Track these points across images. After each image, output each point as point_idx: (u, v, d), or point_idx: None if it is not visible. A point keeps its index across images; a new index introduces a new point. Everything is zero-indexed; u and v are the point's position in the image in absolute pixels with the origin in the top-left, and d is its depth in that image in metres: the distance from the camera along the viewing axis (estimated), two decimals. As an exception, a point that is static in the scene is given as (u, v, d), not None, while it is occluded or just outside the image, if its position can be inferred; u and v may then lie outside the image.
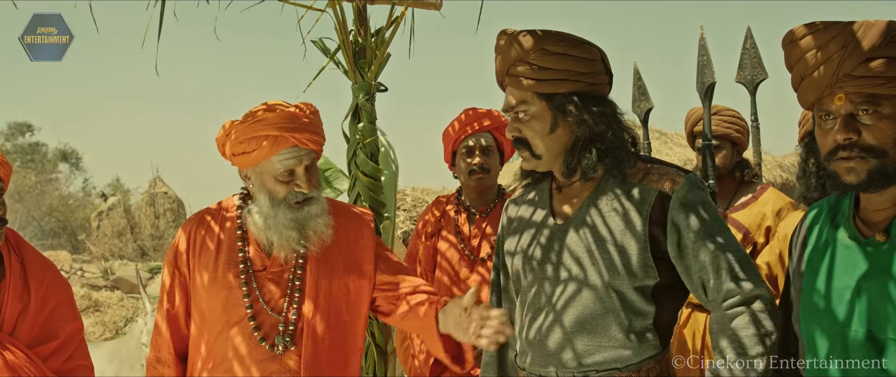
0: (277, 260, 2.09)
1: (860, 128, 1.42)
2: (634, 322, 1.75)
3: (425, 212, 3.04)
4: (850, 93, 1.42)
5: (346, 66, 3.46)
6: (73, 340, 2.27)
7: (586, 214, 1.82)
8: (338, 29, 3.40)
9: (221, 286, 2.05)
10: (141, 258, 17.30)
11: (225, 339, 2.04)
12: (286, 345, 2.02)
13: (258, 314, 2.04)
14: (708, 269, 1.69)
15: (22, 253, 2.24)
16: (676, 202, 1.74)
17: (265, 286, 2.06)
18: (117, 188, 22.21)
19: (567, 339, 1.78)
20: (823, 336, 1.50)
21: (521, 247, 1.94)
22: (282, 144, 2.01)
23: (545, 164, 1.86)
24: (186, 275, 2.12)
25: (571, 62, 1.78)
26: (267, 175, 2.04)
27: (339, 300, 2.10)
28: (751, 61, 2.98)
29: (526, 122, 1.83)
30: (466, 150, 2.87)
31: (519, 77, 1.81)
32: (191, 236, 2.13)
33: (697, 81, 2.64)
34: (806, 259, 1.60)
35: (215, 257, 2.09)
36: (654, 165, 1.84)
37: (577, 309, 1.78)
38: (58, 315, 2.25)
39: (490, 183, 2.88)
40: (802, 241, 1.64)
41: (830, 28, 1.47)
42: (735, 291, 1.67)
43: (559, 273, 1.82)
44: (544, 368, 1.82)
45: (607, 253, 1.76)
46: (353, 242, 2.18)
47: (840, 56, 1.43)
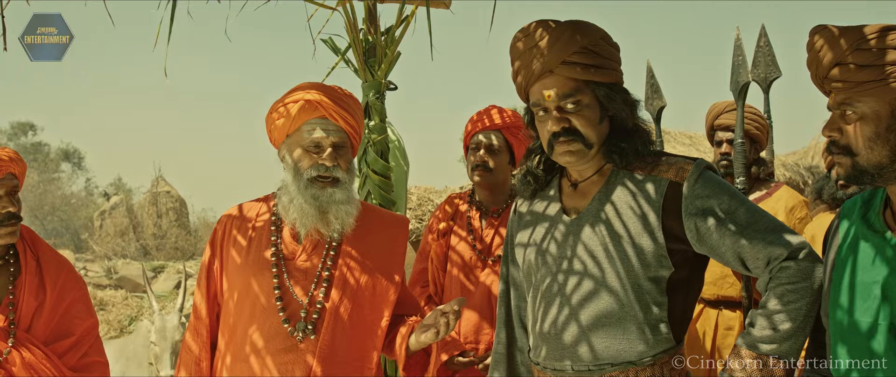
0: (309, 246, 2.10)
1: (842, 126, 1.50)
2: (649, 315, 1.76)
3: (438, 209, 3.03)
4: (835, 93, 1.50)
5: (357, 65, 3.47)
6: (89, 337, 2.28)
7: (600, 209, 1.82)
8: (348, 27, 3.41)
9: (252, 273, 2.07)
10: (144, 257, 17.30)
11: (253, 324, 2.05)
12: (306, 332, 2.02)
13: (286, 301, 2.05)
14: (743, 244, 1.70)
15: (37, 250, 2.25)
16: (689, 189, 1.75)
17: (294, 273, 2.07)
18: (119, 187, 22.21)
19: (583, 334, 1.79)
20: (849, 329, 1.51)
21: (535, 240, 1.94)
22: (313, 111, 2.03)
23: (593, 153, 1.84)
24: (219, 264, 2.14)
25: (615, 53, 1.82)
26: (295, 146, 2.06)
27: (364, 297, 2.11)
28: (765, 59, 2.96)
29: (578, 112, 1.79)
30: (474, 147, 2.88)
31: (577, 65, 1.77)
32: (226, 227, 2.16)
33: (732, 81, 2.64)
34: (836, 252, 1.62)
35: (248, 245, 2.11)
36: (662, 157, 1.85)
37: (594, 305, 1.78)
38: (73, 312, 2.26)
39: (493, 181, 2.87)
40: (835, 235, 1.66)
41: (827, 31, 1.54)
42: (776, 252, 1.68)
43: (573, 266, 1.82)
44: (559, 362, 1.82)
45: (623, 248, 1.76)
46: (390, 247, 2.19)
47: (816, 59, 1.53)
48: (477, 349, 2.76)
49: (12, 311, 2.14)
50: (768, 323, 1.67)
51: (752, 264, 1.72)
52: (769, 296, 1.68)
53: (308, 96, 2.04)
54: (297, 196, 2.05)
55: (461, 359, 2.72)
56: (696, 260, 1.82)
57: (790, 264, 1.66)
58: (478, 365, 2.72)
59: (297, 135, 2.06)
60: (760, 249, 1.69)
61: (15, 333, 2.12)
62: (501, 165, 2.85)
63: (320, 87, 2.10)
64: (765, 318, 1.68)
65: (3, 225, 2.12)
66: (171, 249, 18.57)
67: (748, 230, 1.70)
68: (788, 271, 1.66)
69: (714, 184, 1.76)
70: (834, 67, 1.49)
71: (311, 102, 2.04)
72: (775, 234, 1.69)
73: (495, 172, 2.84)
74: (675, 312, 1.80)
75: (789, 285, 1.66)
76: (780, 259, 1.67)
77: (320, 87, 2.10)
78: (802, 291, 1.65)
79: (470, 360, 2.71)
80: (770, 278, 1.69)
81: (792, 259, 1.67)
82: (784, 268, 1.67)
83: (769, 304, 1.68)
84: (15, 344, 2.10)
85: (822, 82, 1.54)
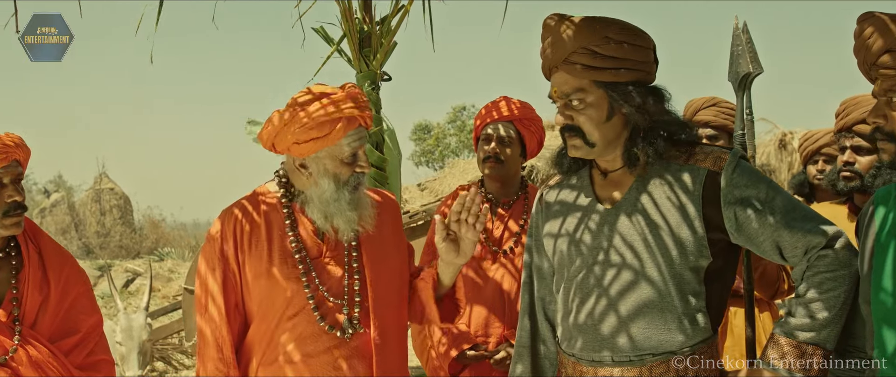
0: (331, 243, 2.04)
1: (888, 113, 1.53)
2: (688, 305, 1.76)
3: (446, 200, 2.98)
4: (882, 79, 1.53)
5: (350, 55, 3.41)
6: (94, 334, 2.16)
7: (637, 199, 1.82)
8: (343, 16, 3.34)
9: (279, 278, 1.98)
10: (87, 256, 16.73)
11: (285, 331, 1.97)
12: (355, 328, 1.98)
13: (320, 302, 1.98)
14: (782, 233, 1.72)
15: (39, 242, 2.12)
16: (728, 179, 1.75)
17: (324, 272, 2.01)
18: (60, 185, 21.41)
19: (622, 325, 1.77)
20: (893, 316, 1.53)
21: (567, 231, 1.92)
22: (353, 125, 1.97)
23: (598, 151, 1.84)
24: (236, 271, 2.01)
25: (630, 50, 1.78)
26: (332, 160, 1.98)
27: (393, 281, 2.09)
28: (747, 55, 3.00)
29: (581, 109, 1.80)
30: (485, 138, 2.83)
31: (577, 64, 1.79)
32: (235, 229, 2.03)
33: (730, 72, 2.65)
34: (875, 241, 1.63)
35: (267, 249, 2.00)
36: (697, 147, 1.85)
37: (634, 295, 1.77)
38: (78, 307, 2.14)
39: (504, 173, 2.82)
40: (871, 222, 1.68)
41: None
42: (814, 241, 1.70)
43: (610, 257, 1.81)
44: (598, 353, 1.81)
45: (662, 238, 1.76)
46: (393, 226, 2.17)
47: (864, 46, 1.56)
48: (488, 343, 2.72)
49: (16, 307, 2.01)
50: (807, 311, 1.69)
51: (790, 253, 1.73)
52: (807, 285, 1.70)
53: (347, 112, 1.95)
54: (339, 207, 1.98)
55: (472, 352, 2.68)
56: (730, 249, 1.82)
57: (828, 253, 1.69)
58: (489, 359, 2.68)
59: (335, 149, 1.98)
60: (799, 238, 1.70)
61: (21, 330, 1.99)
62: (513, 157, 2.81)
63: (355, 97, 1.99)
64: (803, 307, 1.70)
65: (8, 215, 1.99)
66: (115, 248, 18.04)
67: (787, 219, 1.72)
68: (826, 260, 1.69)
69: (751, 173, 1.78)
70: (884, 54, 1.52)
71: (352, 120, 1.97)
72: (813, 223, 1.71)
73: (507, 164, 2.79)
74: (712, 302, 1.80)
75: (828, 273, 1.68)
76: (819, 247, 1.70)
77: (355, 97, 1.99)
78: (840, 279, 1.68)
79: (481, 354, 2.68)
80: (807, 267, 1.71)
81: (829, 247, 1.69)
82: (822, 256, 1.69)
83: (808, 293, 1.70)
84: (21, 341, 1.97)
85: (869, 69, 1.56)
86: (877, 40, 1.52)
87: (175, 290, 10.72)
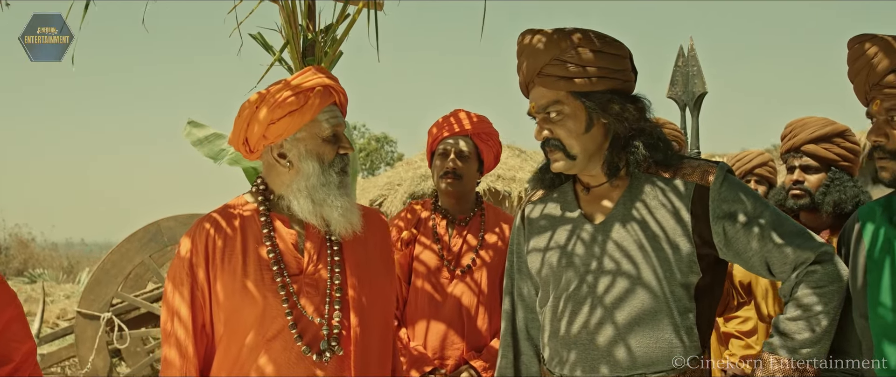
0: (312, 258, 1.89)
1: (888, 132, 1.57)
2: (683, 319, 1.75)
3: (398, 217, 2.86)
4: (883, 99, 1.58)
5: (292, 64, 3.24)
6: (28, 363, 1.90)
7: (629, 210, 1.80)
8: (285, 22, 3.17)
9: (253, 292, 1.81)
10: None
11: (261, 353, 1.80)
12: (333, 350, 1.83)
13: (299, 322, 1.83)
14: (770, 248, 1.73)
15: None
16: (716, 192, 1.76)
17: (303, 291, 1.85)
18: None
19: (619, 337, 1.74)
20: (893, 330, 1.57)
21: (557, 243, 1.87)
22: (329, 97, 1.87)
23: (579, 164, 1.81)
24: (206, 289, 1.84)
25: (606, 60, 1.77)
26: (314, 138, 1.87)
27: (377, 303, 1.95)
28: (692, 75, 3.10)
29: (558, 122, 1.78)
30: (442, 152, 2.75)
31: (551, 77, 1.77)
32: (207, 244, 1.86)
33: (685, 91, 2.72)
34: (866, 258, 1.68)
35: (242, 262, 1.84)
36: (683, 160, 1.86)
37: (630, 304, 1.74)
38: (10, 334, 1.87)
39: (462, 189, 2.75)
40: (859, 240, 1.72)
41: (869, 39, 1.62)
42: (802, 256, 1.72)
43: (604, 265, 1.78)
44: (593, 368, 1.76)
45: (660, 246, 1.75)
46: (381, 245, 2.04)
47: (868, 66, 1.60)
48: (446, 366, 2.63)
49: (-60, 334, 1.74)
50: (799, 327, 1.71)
51: (779, 268, 1.75)
52: (798, 300, 1.72)
53: (318, 79, 1.87)
54: (328, 191, 1.86)
55: (432, 376, 2.58)
56: (717, 265, 1.83)
57: (817, 268, 1.71)
58: None
59: (314, 125, 1.86)
60: (788, 253, 1.72)
61: (-54, 361, 1.72)
62: (470, 173, 2.73)
63: (323, 70, 1.93)
64: (795, 323, 1.72)
65: None
66: (-22, 269, 16.57)
67: (775, 234, 1.73)
68: (816, 275, 1.71)
69: (738, 187, 1.79)
70: (889, 73, 1.57)
71: (327, 91, 1.87)
72: (801, 238, 1.74)
73: (464, 180, 2.72)
74: (701, 319, 1.80)
75: (818, 289, 1.70)
76: (808, 263, 1.72)
77: (323, 70, 1.93)
78: (831, 295, 1.70)
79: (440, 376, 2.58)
80: (797, 282, 1.73)
81: (819, 263, 1.72)
82: (811, 272, 1.72)
83: (799, 308, 1.72)
84: (-53, 374, 1.71)
85: (870, 89, 1.61)
86: (882, 60, 1.56)
87: (55, 314, 9.91)
